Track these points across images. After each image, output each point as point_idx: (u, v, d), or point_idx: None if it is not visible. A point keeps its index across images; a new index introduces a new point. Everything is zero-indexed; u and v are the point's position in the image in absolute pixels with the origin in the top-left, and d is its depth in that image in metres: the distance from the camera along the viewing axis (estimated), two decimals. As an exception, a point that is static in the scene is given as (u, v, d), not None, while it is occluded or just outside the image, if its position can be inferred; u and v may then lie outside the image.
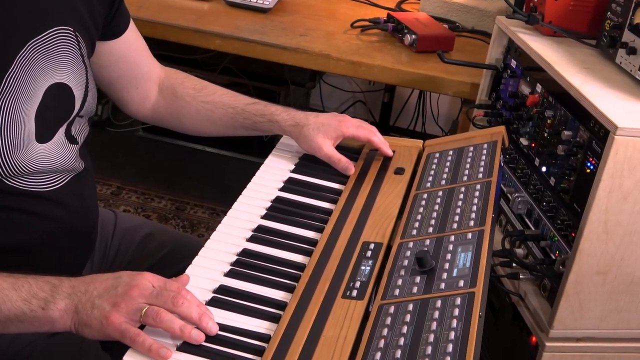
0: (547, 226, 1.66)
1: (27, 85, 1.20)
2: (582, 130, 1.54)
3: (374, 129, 1.55)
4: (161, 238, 1.54)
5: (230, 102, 1.55)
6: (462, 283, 1.11)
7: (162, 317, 1.05)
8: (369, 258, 1.24)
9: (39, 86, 1.22)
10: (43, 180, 1.25)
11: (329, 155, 1.49)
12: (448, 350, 0.98)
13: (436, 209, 1.34)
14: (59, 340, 1.27)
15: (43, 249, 1.27)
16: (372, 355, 1.02)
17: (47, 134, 1.25)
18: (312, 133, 1.50)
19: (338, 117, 1.53)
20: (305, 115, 1.52)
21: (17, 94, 1.18)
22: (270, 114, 1.53)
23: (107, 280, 1.10)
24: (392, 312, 1.09)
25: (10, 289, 1.07)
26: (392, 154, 1.55)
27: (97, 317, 1.06)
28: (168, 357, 1.02)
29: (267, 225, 1.33)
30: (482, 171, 1.42)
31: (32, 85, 1.21)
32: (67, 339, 1.26)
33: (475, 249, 1.18)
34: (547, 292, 1.63)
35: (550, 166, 1.66)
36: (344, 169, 1.49)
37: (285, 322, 1.09)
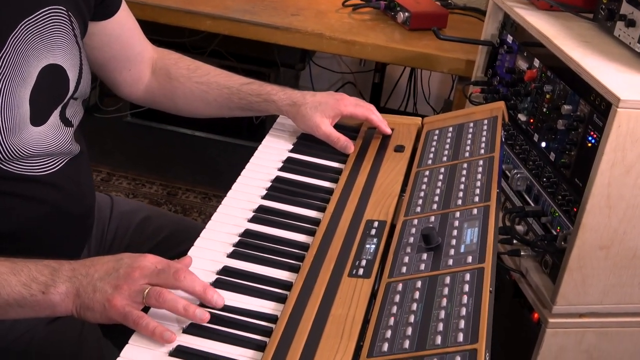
0: (547, 202, 1.64)
1: (20, 67, 1.17)
2: (583, 104, 1.52)
3: (372, 107, 1.53)
4: (159, 221, 1.51)
5: (225, 82, 1.53)
6: (471, 259, 1.09)
7: (164, 296, 1.03)
8: (373, 236, 1.22)
9: (33, 68, 1.19)
10: (38, 163, 1.22)
11: (327, 134, 1.47)
12: (460, 326, 0.96)
13: (439, 185, 1.32)
14: (59, 327, 1.25)
15: (40, 234, 1.25)
16: (382, 333, 1.00)
17: (42, 117, 1.22)
18: (309, 112, 1.47)
19: (335, 96, 1.51)
20: (302, 94, 1.50)
21: (11, 75, 1.15)
22: (266, 94, 1.50)
23: (108, 262, 1.08)
24: (400, 290, 1.07)
25: (10, 273, 1.05)
26: (390, 132, 1.53)
27: (99, 300, 1.04)
28: (172, 340, 1.00)
29: (268, 205, 1.31)
30: (483, 147, 1.40)
31: (25, 67, 1.18)
32: (68, 325, 1.24)
33: (481, 225, 1.17)
34: (549, 269, 1.62)
35: (549, 141, 1.65)
36: (343, 147, 1.47)
37: (291, 302, 1.07)
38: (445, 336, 0.96)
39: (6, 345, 1.22)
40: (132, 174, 3.09)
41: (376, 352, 0.97)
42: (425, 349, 0.95)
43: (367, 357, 0.96)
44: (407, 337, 0.97)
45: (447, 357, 0.92)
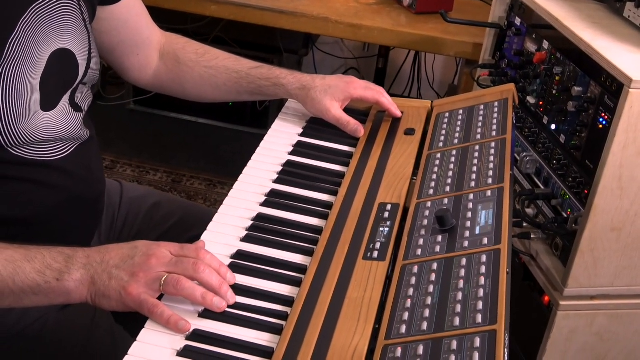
0: (557, 184, 1.64)
1: (31, 51, 1.16)
2: (593, 85, 1.51)
3: (382, 90, 1.53)
4: (169, 207, 1.51)
5: (234, 67, 1.52)
6: (486, 240, 1.09)
7: (182, 284, 1.02)
8: (386, 219, 1.21)
9: (43, 52, 1.18)
10: (48, 149, 1.22)
11: (337, 117, 1.47)
12: (478, 307, 0.96)
13: (451, 168, 1.31)
14: (71, 313, 1.25)
15: (51, 219, 1.24)
16: (399, 315, 0.99)
17: (52, 102, 1.21)
18: (319, 96, 1.47)
19: (345, 79, 1.50)
20: (312, 77, 1.49)
21: (22, 60, 1.14)
22: (275, 78, 1.49)
23: (123, 249, 1.07)
24: (416, 272, 1.07)
25: (23, 260, 1.04)
26: (400, 115, 1.52)
27: (116, 288, 1.03)
28: (187, 329, 0.99)
29: (280, 189, 1.30)
30: (495, 129, 1.39)
31: (35, 51, 1.17)
32: (80, 311, 1.23)
33: (496, 207, 1.16)
34: (559, 251, 1.62)
35: (559, 124, 1.64)
36: (353, 131, 1.46)
37: (307, 286, 1.07)
38: (464, 318, 0.95)
39: (18, 332, 1.21)
40: (136, 161, 3.08)
41: (394, 334, 0.97)
42: (443, 330, 0.94)
43: (385, 339, 0.96)
44: (425, 319, 0.97)
45: (467, 339, 0.92)
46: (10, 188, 1.19)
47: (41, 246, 1.07)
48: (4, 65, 1.12)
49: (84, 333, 1.24)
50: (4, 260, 1.03)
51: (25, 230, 1.22)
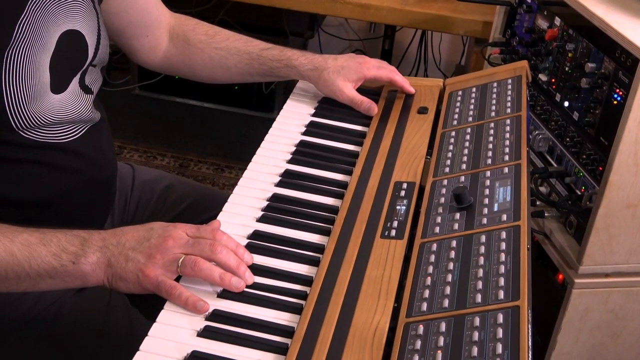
0: (571, 162, 1.63)
1: (40, 33, 1.15)
2: (607, 61, 1.50)
3: (394, 69, 1.51)
4: (182, 189, 1.50)
5: (245, 48, 1.50)
6: (505, 217, 1.08)
7: (200, 265, 1.02)
8: (403, 197, 1.20)
9: (52, 33, 1.17)
10: (60, 131, 1.21)
11: (350, 97, 1.46)
12: (500, 284, 0.95)
13: (467, 145, 1.30)
14: (86, 296, 1.24)
15: (64, 201, 1.24)
16: (420, 293, 0.99)
17: (62, 84, 1.21)
18: (332, 77, 1.46)
19: (358, 59, 1.49)
20: (324, 58, 1.48)
21: (31, 41, 1.13)
22: (287, 59, 1.48)
23: (139, 231, 1.07)
24: (435, 250, 1.06)
25: (39, 244, 1.04)
26: (414, 92, 1.51)
27: (133, 270, 1.02)
28: (205, 310, 0.99)
29: (294, 170, 1.30)
30: (509, 106, 1.38)
31: (45, 33, 1.16)
32: (95, 294, 1.23)
33: (514, 183, 1.15)
34: (574, 229, 1.61)
35: (572, 101, 1.63)
36: (367, 109, 1.45)
37: (325, 265, 1.06)
38: (486, 294, 0.95)
39: (34, 316, 1.21)
40: (143, 146, 3.07)
41: (415, 311, 0.96)
42: (465, 307, 0.94)
43: (407, 317, 0.95)
44: (446, 296, 0.96)
45: (489, 315, 0.91)
46: (22, 171, 1.18)
47: (56, 229, 1.06)
48: (13, 46, 1.11)
49: (100, 316, 1.24)
50: (19, 244, 1.03)
51: (39, 213, 1.21)
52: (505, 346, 0.86)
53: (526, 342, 0.85)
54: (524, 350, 0.84)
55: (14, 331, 1.19)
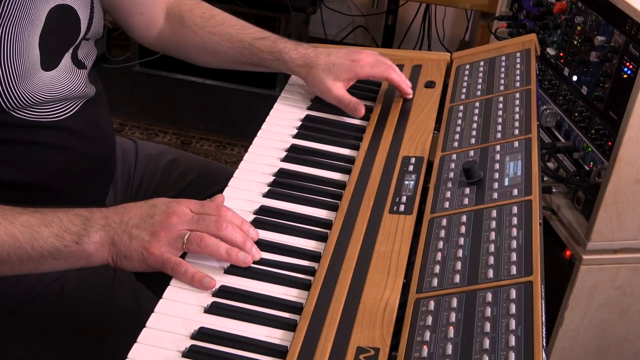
0: (579, 137, 1.61)
1: (27, 9, 1.11)
2: (617, 34, 1.48)
3: (392, 65, 1.41)
4: (186, 164, 1.47)
5: (238, 35, 1.41)
6: (516, 192, 1.06)
7: (206, 241, 1.00)
8: (411, 172, 1.19)
9: (40, 10, 1.13)
10: (53, 109, 1.17)
11: (338, 97, 1.35)
12: (512, 259, 0.94)
13: (475, 120, 1.28)
14: (90, 273, 1.20)
15: (60, 182, 1.21)
16: (430, 268, 0.97)
17: (53, 61, 1.17)
18: (321, 75, 1.35)
19: (352, 56, 1.37)
20: (316, 53, 1.38)
21: (18, 19, 1.10)
22: (278, 52, 1.39)
23: (141, 208, 1.05)
24: (444, 225, 1.04)
25: (40, 225, 1.01)
26: (411, 95, 1.40)
27: (137, 249, 1.01)
28: (212, 286, 0.97)
29: (300, 144, 1.28)
30: (518, 80, 1.36)
31: (32, 10, 1.12)
32: (99, 270, 1.20)
33: (524, 157, 1.14)
34: (582, 205, 1.59)
35: (581, 75, 1.60)
36: (353, 110, 1.35)
37: (333, 240, 1.05)
38: (498, 269, 0.93)
39: (38, 293, 1.19)
40: (144, 123, 3.05)
41: (425, 287, 0.94)
42: (477, 282, 0.92)
43: (417, 292, 0.94)
44: (457, 272, 0.95)
45: (502, 291, 0.90)
46: (16, 152, 1.15)
47: (56, 209, 1.04)
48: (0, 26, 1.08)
49: (105, 292, 1.22)
50: (20, 226, 1.00)
51: (35, 193, 1.19)
52: (518, 322, 0.84)
53: (540, 318, 0.84)
54: (538, 326, 0.83)
55: (18, 309, 1.18)
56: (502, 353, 0.81)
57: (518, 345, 0.81)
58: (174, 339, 0.89)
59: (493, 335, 0.84)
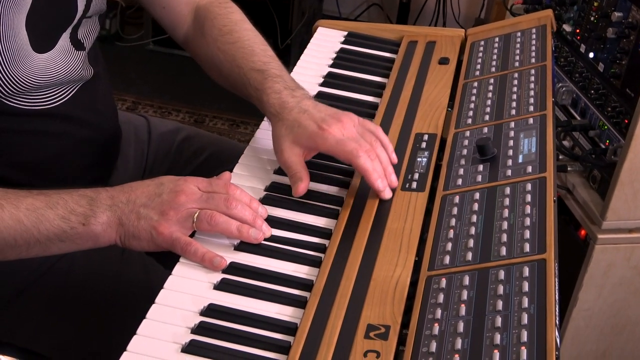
0: (595, 115, 1.59)
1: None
2: (635, 9, 1.45)
3: (370, 146, 1.10)
4: (200, 141, 1.44)
5: (240, 61, 1.24)
6: (530, 169, 1.05)
7: (216, 219, 0.99)
8: (424, 149, 1.17)
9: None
10: (46, 96, 1.13)
11: (285, 163, 1.11)
12: (525, 236, 0.92)
13: (490, 96, 1.26)
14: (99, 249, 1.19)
15: (58, 168, 1.18)
16: (442, 246, 0.96)
17: (47, 42, 1.11)
18: (283, 132, 1.12)
19: (326, 122, 1.10)
20: (296, 104, 1.14)
21: (1, 2, 1.03)
22: (262, 90, 1.18)
23: (148, 187, 1.03)
24: (457, 202, 1.03)
25: (45, 207, 0.99)
26: (386, 196, 1.08)
27: (146, 228, 0.99)
28: (222, 266, 0.96)
29: (312, 121, 1.26)
30: (534, 56, 1.34)
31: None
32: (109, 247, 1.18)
33: (539, 134, 1.12)
34: (597, 184, 1.58)
35: (598, 51, 1.58)
36: (293, 183, 1.09)
37: (344, 217, 1.04)
38: (510, 247, 0.92)
39: (47, 270, 1.18)
40: (157, 102, 3.04)
41: (437, 265, 0.93)
42: (489, 260, 0.91)
43: (429, 270, 0.93)
44: (470, 250, 0.94)
45: (514, 268, 0.88)
46: (10, 141, 1.12)
47: (60, 190, 1.02)
48: None
49: (115, 267, 1.20)
50: (25, 210, 0.98)
51: (33, 178, 1.16)
52: (531, 300, 0.83)
53: (553, 296, 0.83)
54: (551, 304, 0.81)
55: (27, 288, 1.17)
56: (515, 331, 0.80)
57: (530, 323, 0.80)
58: (183, 315, 0.88)
59: (505, 313, 0.83)
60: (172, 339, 0.85)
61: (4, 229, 0.96)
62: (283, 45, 3.19)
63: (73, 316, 1.17)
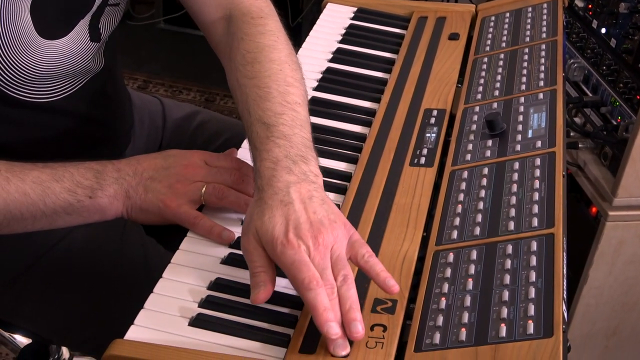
0: (607, 91, 1.57)
1: None
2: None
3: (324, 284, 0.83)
4: (214, 127, 1.39)
5: (252, 105, 1.02)
6: (540, 143, 1.04)
7: (225, 193, 0.99)
8: (433, 125, 1.16)
9: None
10: (49, 87, 1.08)
11: (245, 256, 0.89)
12: (534, 211, 0.92)
13: (500, 72, 1.25)
14: (98, 228, 1.13)
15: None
16: (450, 221, 0.96)
17: (59, 28, 1.05)
18: (252, 216, 0.89)
19: (299, 229, 0.85)
20: (285, 186, 0.89)
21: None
22: (259, 151, 0.96)
23: (155, 159, 1.02)
24: (465, 177, 1.02)
25: (51, 180, 0.97)
26: (340, 354, 0.81)
27: (153, 201, 0.99)
28: (231, 239, 0.96)
29: (320, 97, 1.26)
30: (545, 31, 1.32)
31: None
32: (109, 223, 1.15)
33: (549, 109, 1.11)
34: (608, 161, 1.57)
35: (610, 27, 1.57)
36: (252, 287, 0.87)
37: (352, 192, 1.03)
38: (519, 222, 0.91)
39: (46, 251, 1.16)
40: (168, 81, 3.04)
41: (445, 240, 0.93)
42: (497, 235, 0.91)
43: (436, 245, 0.93)
44: (478, 224, 0.93)
45: (522, 243, 0.88)
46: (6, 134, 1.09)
47: (66, 163, 1.00)
48: None
49: (115, 245, 1.18)
50: (31, 183, 0.97)
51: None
52: (539, 274, 0.83)
53: (561, 270, 0.82)
54: (559, 278, 0.81)
55: (26, 270, 1.15)
56: (522, 305, 0.80)
57: (538, 297, 0.80)
58: (191, 289, 0.89)
59: (513, 287, 0.82)
60: (179, 312, 0.85)
61: (10, 202, 0.95)
62: (294, 23, 3.17)
63: (73, 296, 1.15)
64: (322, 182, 0.91)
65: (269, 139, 0.95)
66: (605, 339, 1.71)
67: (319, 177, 0.92)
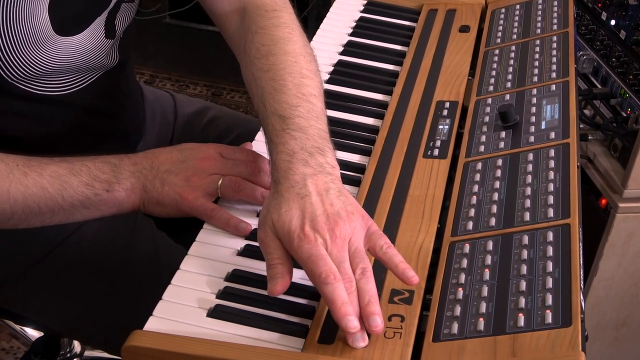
0: (616, 83, 1.57)
1: None
2: (658, -24, 1.43)
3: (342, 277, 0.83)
4: (225, 123, 1.39)
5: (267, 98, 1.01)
6: (554, 135, 1.04)
7: (241, 185, 0.99)
8: (445, 117, 1.17)
9: None
10: (62, 81, 1.08)
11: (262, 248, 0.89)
12: (549, 202, 0.92)
13: (511, 63, 1.26)
14: (109, 223, 1.13)
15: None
16: (465, 212, 0.96)
17: (76, 25, 1.05)
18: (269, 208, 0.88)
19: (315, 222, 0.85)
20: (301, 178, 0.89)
21: None
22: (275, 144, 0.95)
23: (171, 153, 1.03)
24: (480, 169, 1.03)
25: (69, 174, 0.98)
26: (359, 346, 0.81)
27: (170, 194, 0.99)
28: (247, 231, 0.96)
29: (333, 89, 1.26)
30: (556, 22, 1.33)
31: None
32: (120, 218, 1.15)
33: (561, 100, 1.11)
34: (618, 152, 1.57)
35: (620, 19, 1.57)
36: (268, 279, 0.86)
37: (367, 184, 1.04)
38: (534, 212, 0.92)
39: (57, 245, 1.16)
40: (175, 75, 3.04)
41: (460, 230, 0.93)
42: (513, 225, 0.91)
43: (452, 236, 0.93)
44: (493, 215, 0.94)
45: (538, 233, 0.88)
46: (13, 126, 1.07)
47: (83, 157, 1.01)
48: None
49: (126, 239, 1.18)
50: (48, 177, 0.97)
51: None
52: (555, 264, 0.83)
53: (577, 260, 0.83)
54: (576, 268, 0.81)
55: (37, 263, 1.15)
56: (539, 295, 0.80)
57: (555, 287, 0.80)
58: (208, 281, 0.89)
59: (530, 277, 0.83)
60: (197, 304, 0.86)
61: (28, 196, 0.95)
62: (300, 17, 3.17)
63: (83, 289, 1.14)
64: (339, 173, 0.91)
65: (285, 131, 0.94)
66: (615, 330, 1.71)
67: (335, 169, 0.91)
